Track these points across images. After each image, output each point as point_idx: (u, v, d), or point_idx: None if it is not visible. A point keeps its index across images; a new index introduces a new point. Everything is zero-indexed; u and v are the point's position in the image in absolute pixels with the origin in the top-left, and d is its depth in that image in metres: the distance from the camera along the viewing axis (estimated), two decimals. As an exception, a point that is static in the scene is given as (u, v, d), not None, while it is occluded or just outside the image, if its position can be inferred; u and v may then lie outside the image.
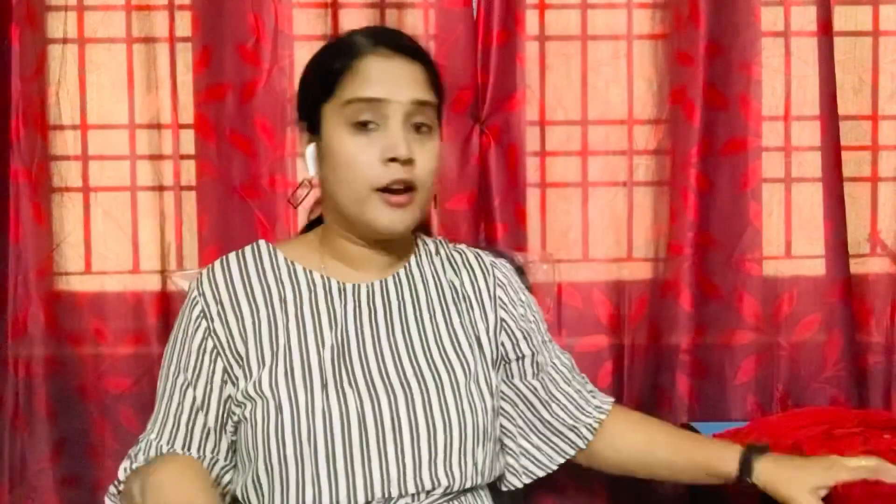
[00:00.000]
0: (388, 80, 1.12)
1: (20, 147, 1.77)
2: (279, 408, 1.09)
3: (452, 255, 1.29)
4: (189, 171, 1.83)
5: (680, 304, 1.83)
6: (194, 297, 1.19)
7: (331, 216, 1.21)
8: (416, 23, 1.83)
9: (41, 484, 1.80)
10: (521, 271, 1.56)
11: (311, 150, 1.18)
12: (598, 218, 1.90)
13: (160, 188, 1.84)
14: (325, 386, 1.10)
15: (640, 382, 1.87)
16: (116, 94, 1.85)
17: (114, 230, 1.86)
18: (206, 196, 1.82)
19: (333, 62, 1.16)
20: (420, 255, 1.27)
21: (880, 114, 1.93)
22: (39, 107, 1.80)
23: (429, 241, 1.32)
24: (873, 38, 1.94)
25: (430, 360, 1.15)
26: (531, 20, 1.86)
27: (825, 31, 1.83)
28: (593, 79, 1.89)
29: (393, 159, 1.11)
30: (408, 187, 1.13)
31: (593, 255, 1.90)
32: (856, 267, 1.89)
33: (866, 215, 1.94)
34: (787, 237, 1.92)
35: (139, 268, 1.85)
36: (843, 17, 1.91)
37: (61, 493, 1.81)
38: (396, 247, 1.23)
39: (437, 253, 1.29)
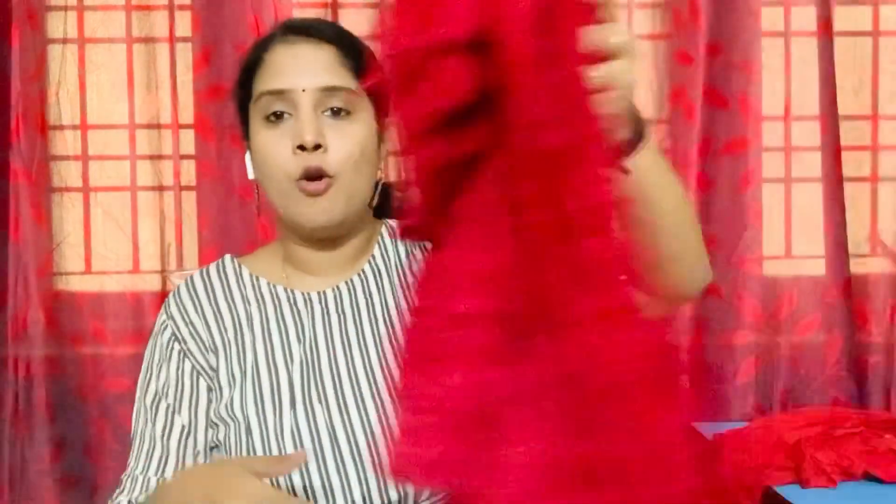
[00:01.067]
0: (293, 69, 1.07)
1: (20, 147, 1.77)
2: (249, 431, 1.07)
3: None
4: (189, 171, 1.83)
5: (680, 304, 1.83)
6: (163, 322, 1.15)
7: (277, 221, 1.18)
8: (416, 23, 1.83)
9: (41, 484, 1.80)
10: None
11: (248, 154, 1.16)
12: (598, 218, 1.90)
13: (160, 188, 1.84)
14: (293, 405, 1.08)
15: (640, 382, 1.87)
16: (116, 94, 1.85)
17: (114, 230, 1.86)
18: (206, 196, 1.82)
19: (248, 58, 1.14)
20: (384, 244, 1.21)
21: (880, 114, 1.93)
22: (39, 107, 1.80)
23: (396, 224, 1.26)
24: (873, 38, 1.93)
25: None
26: (531, 20, 1.86)
27: (825, 31, 1.83)
28: (593, 79, 1.89)
29: (301, 147, 1.07)
30: (324, 175, 1.06)
31: (593, 255, 1.90)
32: (856, 267, 1.89)
33: (866, 215, 1.93)
34: (787, 237, 1.92)
35: (139, 268, 1.86)
36: (843, 17, 1.91)
37: (61, 493, 1.81)
38: (352, 242, 1.18)
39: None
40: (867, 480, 1.44)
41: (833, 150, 1.84)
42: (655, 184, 0.81)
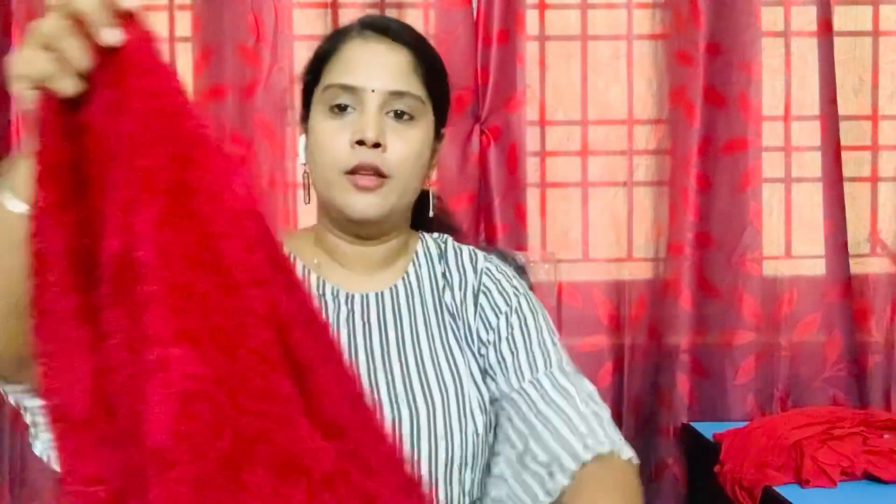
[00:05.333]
0: (367, 66, 1.08)
1: (20, 147, 1.77)
2: None
3: (448, 259, 1.24)
4: (189, 171, 1.83)
5: (680, 304, 1.83)
6: None
7: (318, 208, 1.19)
8: (416, 23, 1.83)
9: (41, 484, 1.80)
10: (521, 271, 1.55)
11: (302, 138, 1.17)
12: (598, 218, 1.90)
13: (160, 188, 1.84)
14: None
15: (640, 382, 1.87)
16: (116, 94, 1.84)
17: (114, 230, 1.86)
18: (206, 196, 1.82)
19: (323, 46, 1.15)
20: (419, 262, 1.22)
21: (880, 114, 1.93)
22: (39, 107, 1.80)
23: (431, 242, 1.27)
24: (873, 38, 1.93)
25: (424, 382, 1.11)
26: (531, 20, 1.86)
27: (825, 31, 1.83)
28: (593, 79, 1.89)
29: (360, 142, 1.08)
30: (378, 173, 1.08)
31: (593, 255, 1.90)
32: (856, 267, 1.89)
33: (866, 215, 1.94)
34: (787, 237, 1.92)
35: (139, 268, 1.85)
36: (843, 17, 1.91)
37: (61, 493, 1.81)
38: (388, 243, 1.18)
39: (443, 256, 1.23)
40: (867, 480, 1.44)
41: (833, 150, 1.84)
42: None
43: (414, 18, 1.83)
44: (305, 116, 1.16)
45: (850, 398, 1.86)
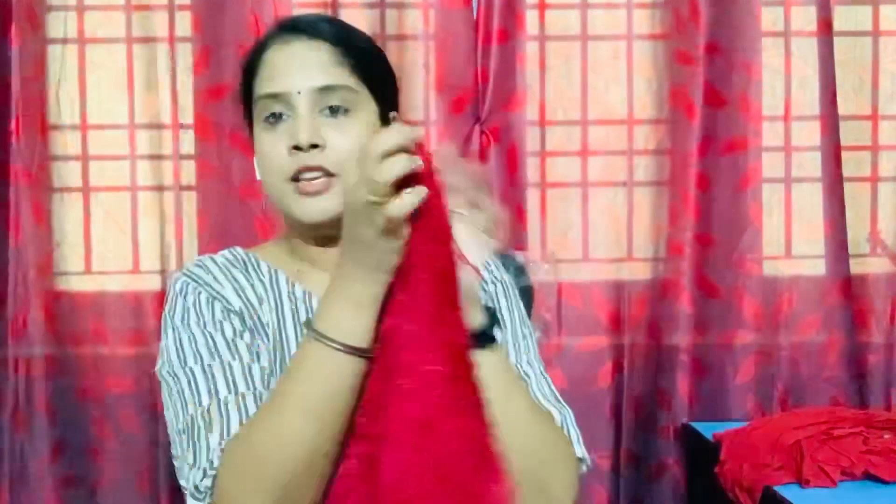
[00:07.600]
0: (289, 69, 1.06)
1: (20, 147, 1.77)
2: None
3: None
4: (189, 172, 1.83)
5: (680, 304, 1.83)
6: (184, 281, 1.10)
7: (284, 219, 1.18)
8: (416, 23, 1.83)
9: (41, 484, 1.80)
10: (521, 271, 1.55)
11: (256, 157, 1.17)
12: (598, 218, 1.90)
13: (160, 188, 1.83)
14: None
15: (640, 382, 1.87)
16: (116, 94, 1.84)
17: (114, 230, 1.86)
18: (206, 196, 1.82)
19: (247, 60, 1.14)
20: None
21: (880, 114, 1.93)
22: (39, 107, 1.80)
23: None
24: (873, 38, 1.93)
25: None
26: (531, 20, 1.86)
27: (825, 31, 1.83)
28: (593, 79, 1.89)
29: (297, 147, 1.08)
30: (327, 173, 1.04)
31: (593, 255, 1.90)
32: (856, 267, 1.89)
33: (866, 215, 1.93)
34: (787, 237, 1.92)
35: (139, 268, 1.85)
36: (843, 17, 1.91)
37: (61, 493, 1.81)
38: None
39: None
40: (867, 480, 1.44)
41: (833, 150, 1.84)
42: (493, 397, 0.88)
43: (414, 18, 1.83)
44: (251, 134, 1.15)
45: (850, 398, 1.86)
